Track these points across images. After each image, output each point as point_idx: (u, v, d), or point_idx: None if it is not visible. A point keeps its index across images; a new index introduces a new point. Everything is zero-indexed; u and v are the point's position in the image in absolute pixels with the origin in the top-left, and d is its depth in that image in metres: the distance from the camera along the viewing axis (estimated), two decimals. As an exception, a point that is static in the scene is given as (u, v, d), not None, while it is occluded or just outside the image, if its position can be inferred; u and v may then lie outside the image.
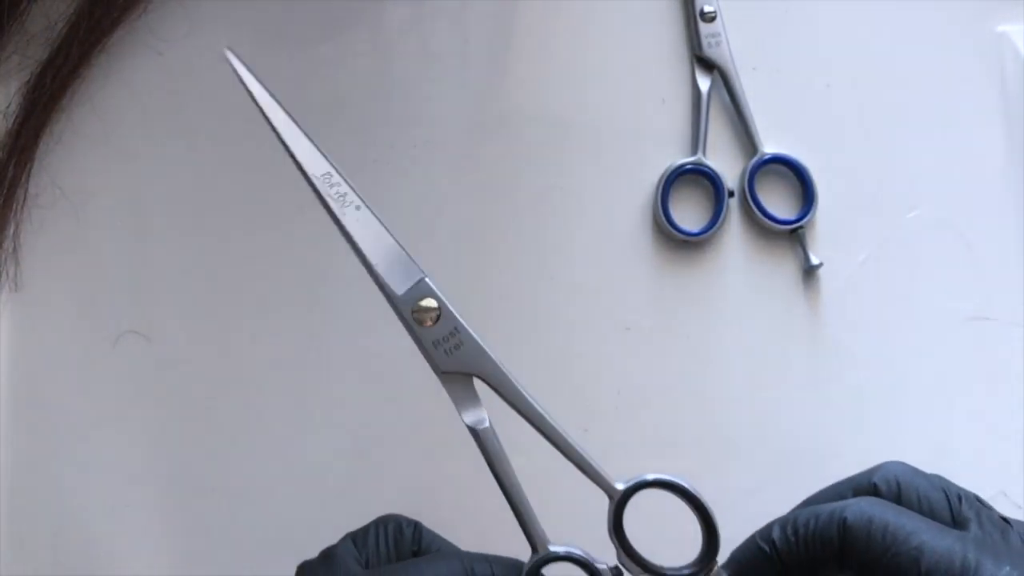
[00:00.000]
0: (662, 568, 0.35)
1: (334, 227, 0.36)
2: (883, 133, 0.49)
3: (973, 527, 0.33)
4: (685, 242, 0.47)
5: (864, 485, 0.36)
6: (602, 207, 0.48)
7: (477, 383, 0.35)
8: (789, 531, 0.34)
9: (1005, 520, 0.34)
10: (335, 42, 0.49)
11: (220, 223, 0.48)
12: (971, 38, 0.49)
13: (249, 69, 0.35)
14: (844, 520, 0.33)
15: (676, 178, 0.48)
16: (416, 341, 0.35)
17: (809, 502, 0.37)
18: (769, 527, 0.35)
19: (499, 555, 0.35)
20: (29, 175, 0.48)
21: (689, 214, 0.48)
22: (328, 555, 0.35)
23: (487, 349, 0.35)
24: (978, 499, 0.35)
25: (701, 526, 0.35)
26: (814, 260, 0.47)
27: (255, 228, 0.48)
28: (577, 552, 0.35)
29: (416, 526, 0.36)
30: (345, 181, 0.35)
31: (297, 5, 0.50)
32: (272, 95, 0.36)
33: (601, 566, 0.35)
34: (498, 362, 0.35)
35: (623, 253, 0.48)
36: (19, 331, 0.47)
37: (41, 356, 0.47)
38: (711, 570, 0.34)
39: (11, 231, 0.47)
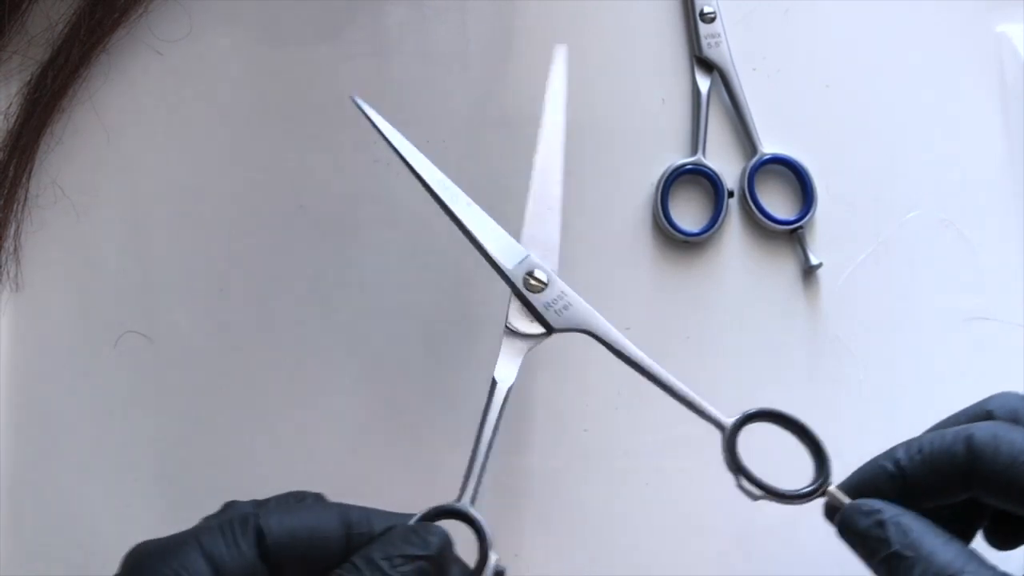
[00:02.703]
0: (780, 489, 0.36)
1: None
2: (883, 133, 0.49)
3: None
4: (685, 242, 0.48)
5: (980, 413, 0.36)
6: (602, 207, 0.48)
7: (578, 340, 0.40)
8: (914, 450, 0.35)
9: None
10: (335, 42, 0.49)
11: (220, 223, 0.48)
12: (971, 38, 0.49)
13: (376, 111, 0.42)
14: (971, 436, 0.34)
15: (676, 178, 0.48)
16: (527, 305, 0.40)
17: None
18: (893, 448, 0.36)
19: (380, 509, 0.36)
20: (30, 175, 0.48)
21: (689, 214, 0.48)
22: (228, 503, 0.36)
23: (593, 309, 0.40)
24: None
25: (811, 450, 0.37)
26: (814, 260, 0.47)
27: (255, 228, 0.48)
28: (463, 508, 0.36)
29: (318, 496, 0.37)
30: (455, 185, 0.41)
31: (297, 5, 0.50)
32: (396, 129, 0.42)
33: (486, 529, 0.35)
34: (604, 319, 0.40)
35: (623, 253, 0.48)
36: (19, 331, 0.47)
37: (41, 356, 0.47)
38: (825, 489, 0.36)
39: (12, 231, 0.47)
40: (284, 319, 0.47)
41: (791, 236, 0.48)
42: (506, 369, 0.39)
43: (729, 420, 0.38)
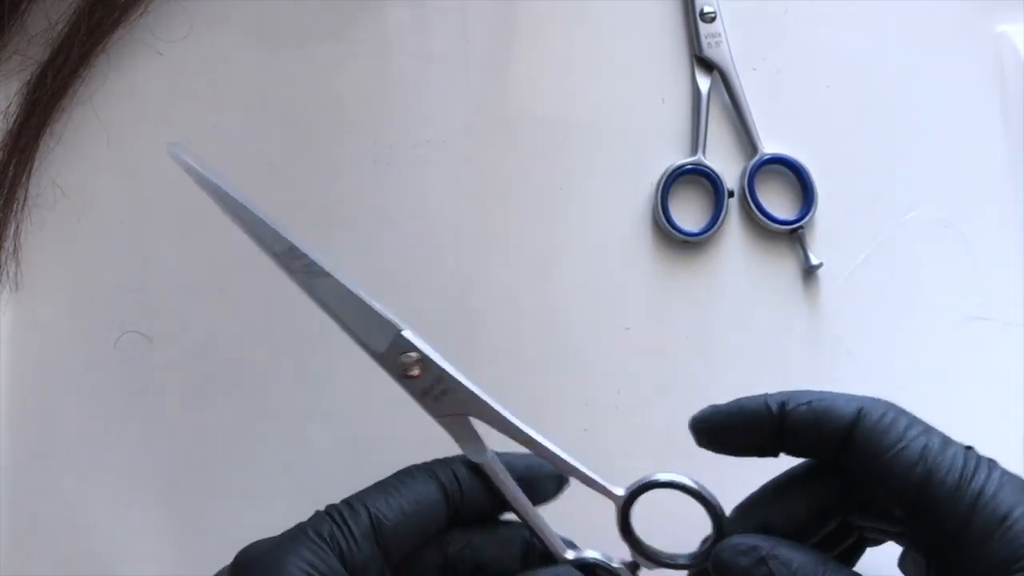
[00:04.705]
0: (674, 557, 0.36)
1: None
2: (883, 133, 0.49)
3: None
4: (685, 242, 0.48)
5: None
6: (602, 207, 0.48)
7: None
8: (803, 400, 0.34)
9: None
10: (335, 42, 0.49)
11: (220, 223, 0.48)
12: (971, 38, 0.49)
13: (195, 161, 0.37)
14: (861, 408, 0.33)
15: (676, 178, 0.48)
16: (407, 392, 0.37)
17: None
18: (783, 393, 0.35)
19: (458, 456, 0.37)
20: (30, 175, 0.48)
21: (689, 214, 0.48)
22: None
23: (473, 389, 0.36)
24: None
25: (707, 512, 0.36)
26: (814, 260, 0.47)
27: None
28: (593, 556, 0.36)
29: (403, 471, 0.38)
30: (308, 253, 0.36)
31: (297, 5, 0.50)
32: (221, 183, 0.37)
33: (617, 565, 0.36)
34: (485, 399, 0.36)
35: (623, 253, 0.48)
36: (19, 331, 0.47)
37: (41, 356, 0.47)
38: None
39: (12, 231, 0.47)
40: (284, 319, 0.47)
41: (791, 236, 0.48)
42: (469, 443, 0.36)
43: (620, 492, 0.36)
